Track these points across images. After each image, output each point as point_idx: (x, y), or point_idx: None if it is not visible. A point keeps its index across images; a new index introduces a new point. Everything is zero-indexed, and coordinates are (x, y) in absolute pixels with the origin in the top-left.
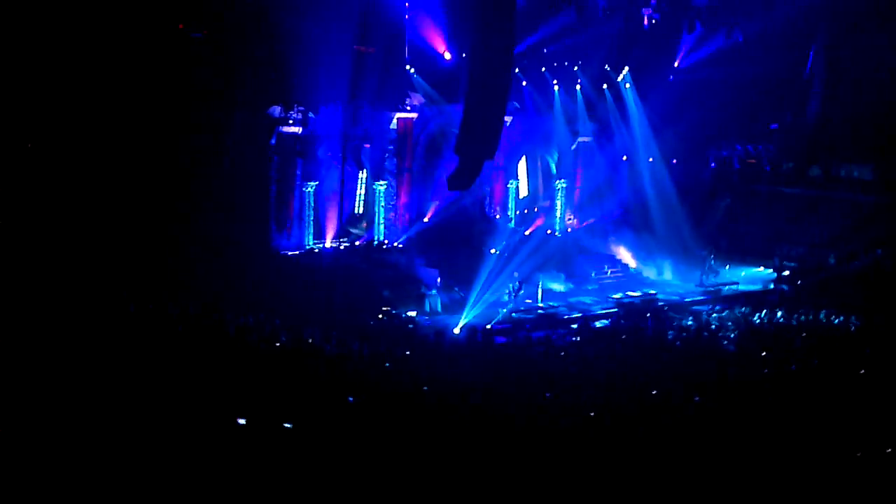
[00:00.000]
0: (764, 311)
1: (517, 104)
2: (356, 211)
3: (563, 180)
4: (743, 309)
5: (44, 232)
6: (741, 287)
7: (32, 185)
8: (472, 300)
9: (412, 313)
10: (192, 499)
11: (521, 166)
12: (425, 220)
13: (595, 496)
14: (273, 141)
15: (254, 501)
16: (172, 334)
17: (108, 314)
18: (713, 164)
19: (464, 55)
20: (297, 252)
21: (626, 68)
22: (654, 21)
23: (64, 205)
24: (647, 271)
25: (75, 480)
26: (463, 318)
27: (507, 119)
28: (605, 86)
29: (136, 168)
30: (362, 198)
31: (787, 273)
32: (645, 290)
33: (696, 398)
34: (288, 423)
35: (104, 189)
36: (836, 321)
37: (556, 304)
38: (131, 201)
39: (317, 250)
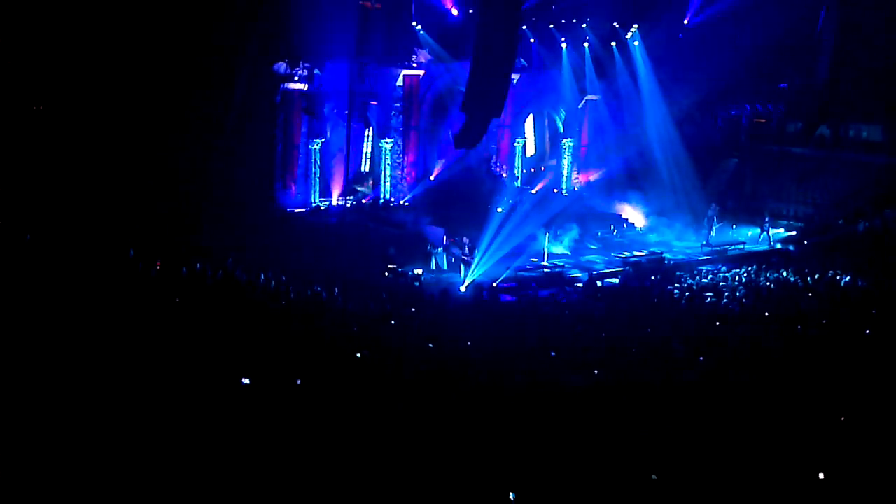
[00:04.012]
0: (770, 271)
1: (524, 62)
2: (362, 169)
3: (570, 139)
4: (749, 269)
5: (49, 191)
6: (747, 247)
7: (38, 144)
8: (477, 258)
9: (418, 271)
10: (203, 455)
11: (528, 124)
12: (431, 178)
13: (598, 454)
14: (278, 98)
15: (263, 456)
16: (181, 292)
17: (116, 274)
18: (721, 124)
19: (471, 11)
20: (303, 210)
21: (635, 26)
22: None
23: (69, 165)
24: (653, 230)
25: (82, 439)
26: (469, 276)
27: (515, 77)
28: (613, 43)
29: (140, 127)
30: (368, 156)
31: (783, 233)
32: (651, 250)
33: (701, 358)
34: (296, 379)
35: (109, 149)
36: (843, 282)
37: (561, 263)
38: (136, 161)
39: (323, 208)
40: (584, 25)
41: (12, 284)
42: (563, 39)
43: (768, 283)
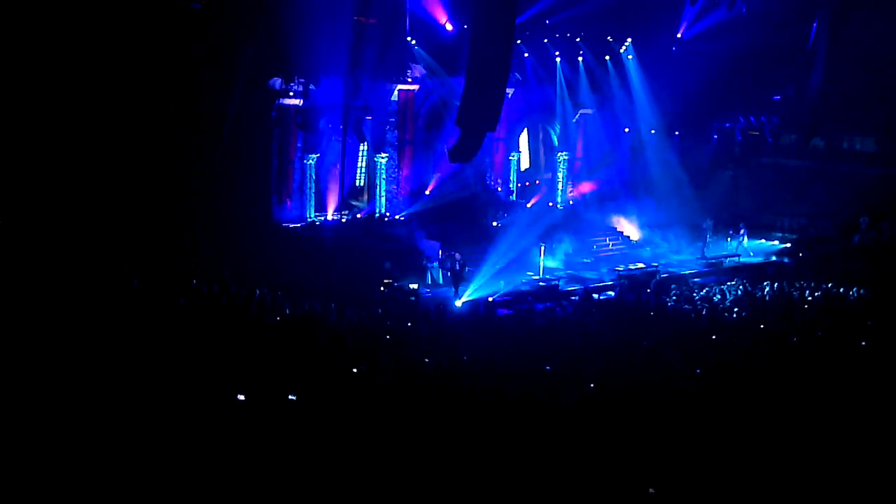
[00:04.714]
0: (765, 284)
1: (519, 76)
2: (357, 183)
3: (564, 152)
4: (744, 281)
5: (46, 208)
6: (743, 259)
7: (33, 159)
8: (482, 275)
9: (414, 285)
10: (199, 472)
11: (523, 138)
12: (427, 192)
13: (595, 467)
14: (273, 113)
15: (260, 472)
16: (175, 308)
17: (111, 289)
18: (715, 136)
19: (465, 26)
20: (298, 225)
21: (629, 40)
22: None
23: (64, 180)
24: (648, 243)
25: (78, 456)
26: (462, 292)
27: (509, 91)
28: (607, 57)
29: (136, 143)
30: (363, 170)
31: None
32: (647, 263)
33: (698, 371)
34: (291, 394)
35: (104, 165)
36: (839, 293)
37: (557, 277)
38: (131, 176)
39: (318, 223)
40: (577, 40)
41: (8, 299)
42: (557, 54)
43: (764, 295)
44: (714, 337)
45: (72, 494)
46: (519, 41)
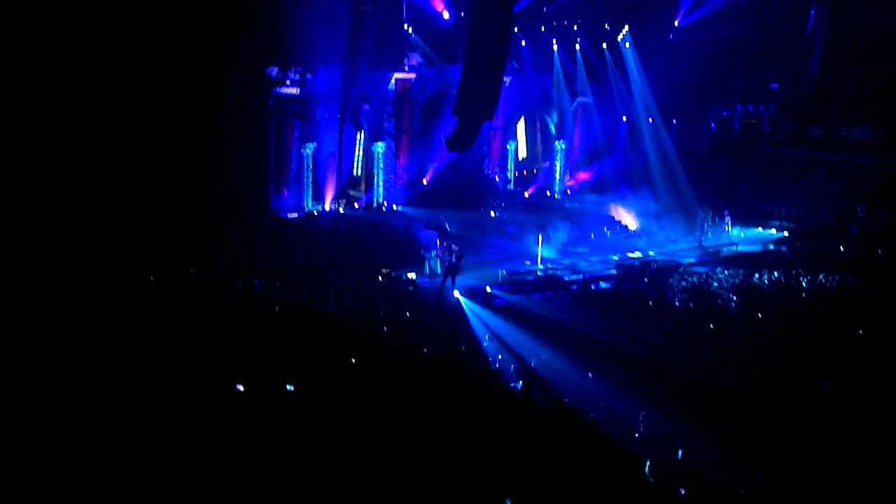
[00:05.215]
0: (763, 272)
1: (516, 64)
2: (355, 172)
3: (562, 141)
4: (742, 270)
5: (44, 199)
6: (740, 248)
7: (33, 153)
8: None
9: (412, 275)
10: (199, 463)
11: (521, 127)
12: (424, 181)
13: (594, 456)
14: (271, 102)
15: (259, 462)
16: (172, 298)
17: (108, 279)
18: (713, 125)
19: (463, 14)
20: (296, 214)
21: (626, 27)
22: None
23: (62, 171)
24: (646, 232)
25: (78, 447)
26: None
27: (506, 79)
28: (604, 45)
29: (131, 133)
30: (361, 159)
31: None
32: (644, 252)
33: (696, 359)
34: (289, 385)
35: (101, 156)
36: (836, 282)
37: (555, 266)
38: (128, 167)
39: (316, 212)
40: (575, 28)
41: (8, 291)
42: (554, 42)
43: (762, 284)
44: (712, 326)
45: (75, 483)
46: (516, 29)
